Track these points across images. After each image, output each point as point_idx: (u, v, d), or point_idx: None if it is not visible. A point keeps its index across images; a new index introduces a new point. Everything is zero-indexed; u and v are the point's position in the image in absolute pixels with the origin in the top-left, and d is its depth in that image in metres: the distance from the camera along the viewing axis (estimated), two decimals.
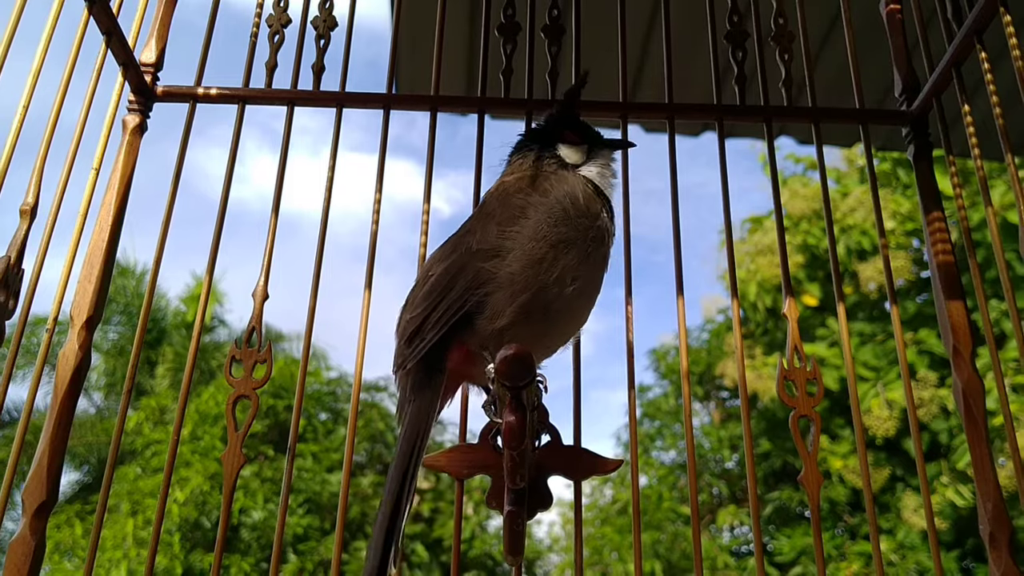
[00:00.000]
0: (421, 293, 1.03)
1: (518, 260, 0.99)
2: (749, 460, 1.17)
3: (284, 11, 1.39)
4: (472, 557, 10.02)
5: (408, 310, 1.04)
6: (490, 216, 1.07)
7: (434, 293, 1.01)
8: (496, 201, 1.10)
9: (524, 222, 1.03)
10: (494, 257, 1.00)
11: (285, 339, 11.89)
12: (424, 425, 0.97)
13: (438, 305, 1.00)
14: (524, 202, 1.06)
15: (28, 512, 1.01)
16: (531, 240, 1.01)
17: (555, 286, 0.99)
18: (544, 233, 1.01)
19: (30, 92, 1.01)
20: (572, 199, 1.06)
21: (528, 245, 1.00)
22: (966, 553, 7.18)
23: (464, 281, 1.00)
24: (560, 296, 1.00)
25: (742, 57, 1.38)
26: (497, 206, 1.08)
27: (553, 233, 1.01)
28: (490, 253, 1.01)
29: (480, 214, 1.11)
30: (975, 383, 1.16)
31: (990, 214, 1.15)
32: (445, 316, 0.99)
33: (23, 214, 1.01)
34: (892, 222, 7.68)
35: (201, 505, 8.96)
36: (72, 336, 1.12)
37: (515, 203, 1.06)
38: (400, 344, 1.03)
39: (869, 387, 7.51)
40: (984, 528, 1.09)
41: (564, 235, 1.02)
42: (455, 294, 1.00)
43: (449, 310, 0.99)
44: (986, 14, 1.17)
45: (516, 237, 1.01)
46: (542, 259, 0.99)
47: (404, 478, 0.93)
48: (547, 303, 0.99)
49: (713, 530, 9.63)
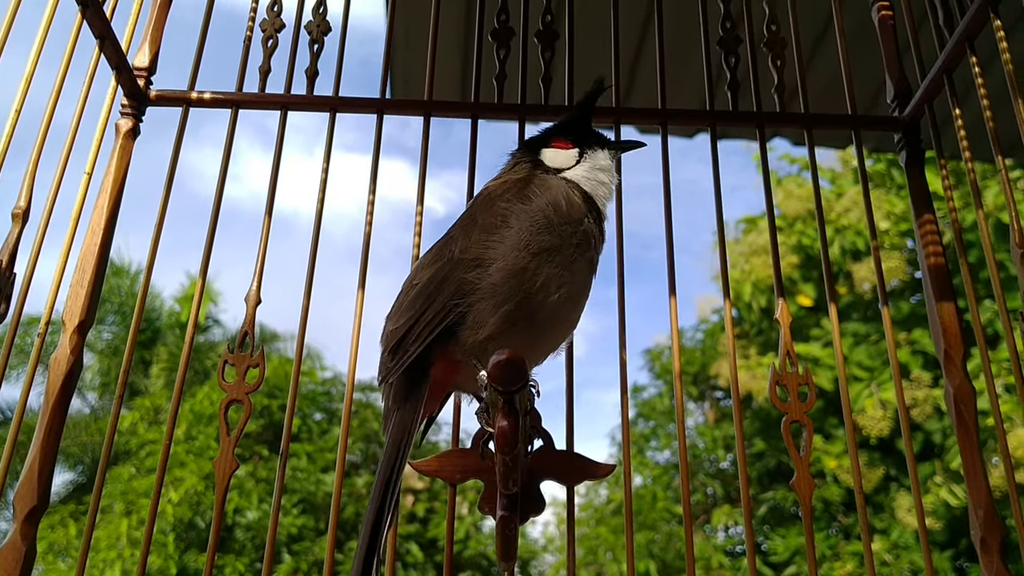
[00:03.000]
0: (405, 303, 1.02)
1: (500, 270, 0.98)
2: (741, 460, 1.18)
3: (278, 16, 1.39)
4: (467, 558, 10.01)
5: (391, 320, 1.03)
6: (472, 223, 1.06)
7: (417, 303, 1.00)
8: (480, 207, 1.10)
9: (506, 231, 1.02)
10: (476, 267, 0.99)
11: (280, 339, 11.87)
12: (407, 435, 0.97)
13: (420, 316, 0.99)
14: (507, 210, 1.05)
15: (19, 517, 1.01)
16: (513, 249, 0.99)
17: (539, 294, 0.98)
18: (526, 242, 1.00)
19: (23, 95, 1.01)
20: (555, 206, 1.05)
21: (511, 255, 0.99)
22: (960, 553, 7.19)
23: (447, 291, 0.99)
24: (545, 305, 0.99)
25: (735, 63, 1.38)
26: (479, 213, 1.08)
27: (535, 242, 1.00)
28: (472, 263, 1.00)
29: (464, 220, 1.10)
30: (966, 388, 1.16)
31: (981, 217, 1.16)
32: (428, 328, 0.98)
33: (15, 217, 1.01)
34: (886, 223, 7.69)
35: (195, 505, 8.94)
36: (64, 340, 1.12)
37: (498, 210, 1.05)
38: (384, 355, 1.02)
39: (863, 387, 7.51)
40: (976, 533, 1.10)
41: (547, 243, 1.01)
42: (437, 305, 0.99)
43: (432, 322, 0.98)
44: (977, 20, 1.18)
45: (498, 247, 1.00)
46: (525, 268, 0.98)
47: (387, 486, 0.93)
48: (532, 312, 0.99)
49: (708, 530, 9.63)
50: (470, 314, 0.98)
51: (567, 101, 1.38)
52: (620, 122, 1.38)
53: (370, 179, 1.29)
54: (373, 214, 1.27)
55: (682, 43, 1.56)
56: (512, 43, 1.39)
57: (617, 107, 1.38)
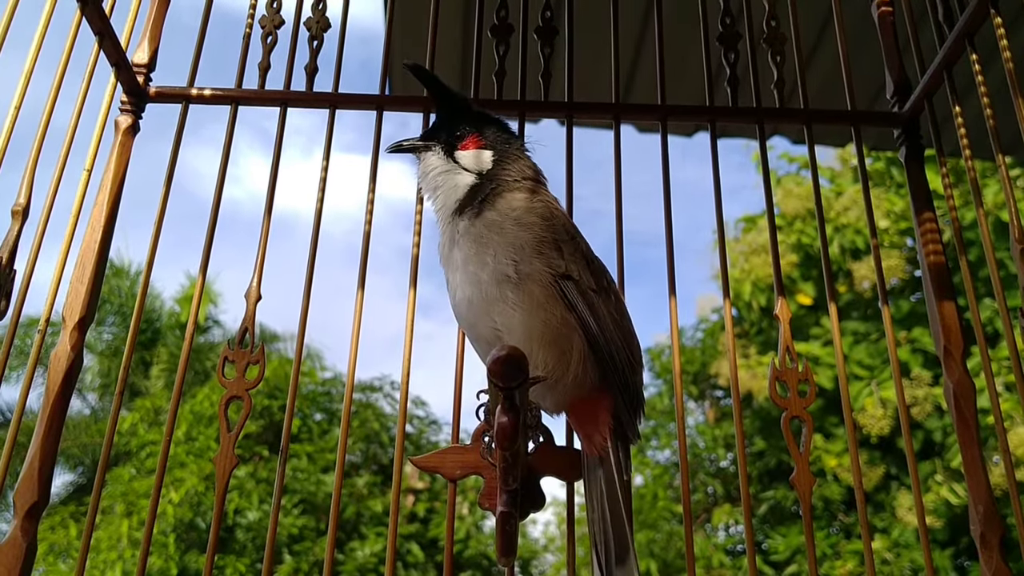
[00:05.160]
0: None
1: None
2: (741, 459, 1.18)
3: (277, 12, 1.39)
4: (467, 557, 10.00)
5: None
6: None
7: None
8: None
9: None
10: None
11: (280, 339, 11.87)
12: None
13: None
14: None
15: (19, 514, 1.01)
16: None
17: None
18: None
19: (22, 92, 1.01)
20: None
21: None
22: (960, 551, 7.18)
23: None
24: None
25: (734, 59, 1.38)
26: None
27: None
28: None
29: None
30: (966, 384, 1.16)
31: (981, 215, 1.16)
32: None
33: (15, 215, 1.01)
34: (886, 221, 7.69)
35: (196, 506, 8.93)
36: (64, 337, 1.12)
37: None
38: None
39: (863, 386, 7.51)
40: (975, 529, 1.10)
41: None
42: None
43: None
44: (977, 16, 1.17)
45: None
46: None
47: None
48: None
49: (708, 529, 9.62)
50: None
51: (567, 97, 1.38)
52: (619, 118, 1.38)
53: (369, 176, 1.29)
54: (372, 212, 1.27)
55: (682, 39, 1.56)
56: (511, 39, 1.39)
57: (616, 103, 1.38)
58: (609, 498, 0.99)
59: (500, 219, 1.06)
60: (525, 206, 1.08)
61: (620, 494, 0.99)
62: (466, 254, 1.06)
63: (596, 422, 1.03)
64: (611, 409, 1.03)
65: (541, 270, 1.02)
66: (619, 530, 0.97)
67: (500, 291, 1.01)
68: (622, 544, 0.97)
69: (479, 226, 1.07)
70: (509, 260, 1.02)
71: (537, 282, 1.01)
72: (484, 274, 1.03)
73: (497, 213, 1.07)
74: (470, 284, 1.04)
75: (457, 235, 1.09)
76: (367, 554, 9.39)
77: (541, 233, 1.05)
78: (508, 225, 1.05)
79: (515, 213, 1.07)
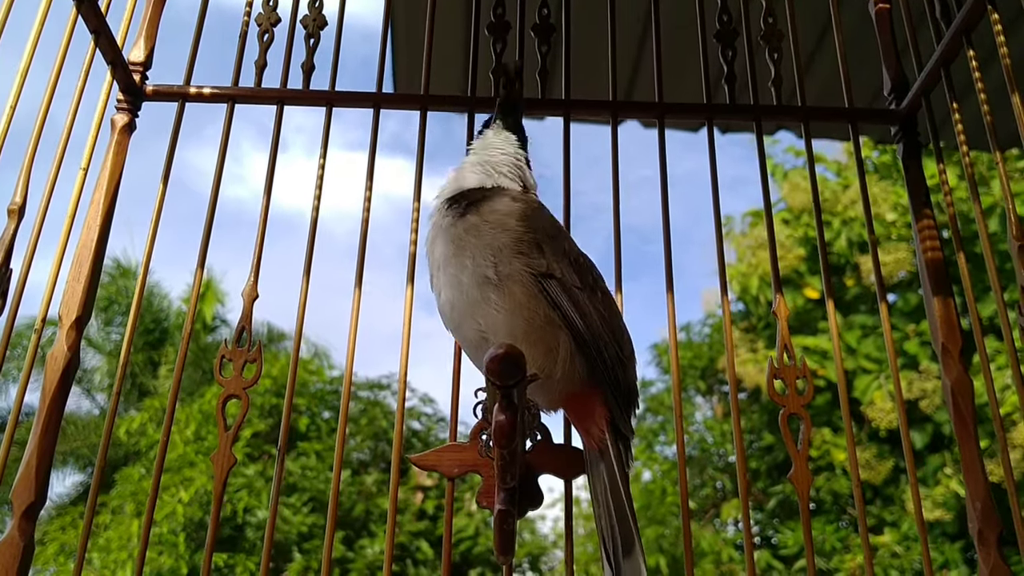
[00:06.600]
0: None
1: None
2: (739, 454, 1.17)
3: (273, 10, 1.39)
4: (476, 554, 10.01)
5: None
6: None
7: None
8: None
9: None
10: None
11: (287, 338, 11.89)
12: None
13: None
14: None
15: (16, 513, 1.01)
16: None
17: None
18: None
19: (17, 91, 1.01)
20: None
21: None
22: (970, 544, 7.16)
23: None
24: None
25: (732, 56, 1.38)
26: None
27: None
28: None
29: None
30: (964, 381, 1.16)
31: (978, 212, 1.15)
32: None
33: (11, 214, 1.01)
34: (893, 214, 7.67)
35: (206, 505, 8.95)
36: (61, 336, 1.12)
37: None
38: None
39: (872, 379, 7.50)
40: (973, 525, 1.10)
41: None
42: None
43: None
44: (974, 14, 1.17)
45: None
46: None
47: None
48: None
49: (717, 524, 9.61)
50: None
51: (564, 95, 1.37)
52: (618, 115, 1.37)
53: (367, 173, 1.29)
54: (370, 210, 1.27)
55: (682, 38, 1.55)
56: (509, 37, 1.38)
57: (614, 101, 1.37)
58: (612, 491, 1.00)
59: (479, 222, 1.07)
60: (505, 209, 1.08)
61: (622, 486, 0.99)
62: (445, 253, 1.07)
63: (592, 416, 1.04)
64: (606, 402, 1.03)
65: (521, 270, 1.02)
66: (624, 522, 0.97)
67: (482, 293, 1.02)
68: (628, 536, 0.97)
69: (459, 228, 1.07)
70: (488, 262, 1.02)
71: (518, 282, 1.01)
72: (464, 276, 1.03)
73: (479, 216, 1.08)
74: (451, 287, 1.05)
75: (440, 228, 1.10)
76: (377, 551, 9.42)
77: (520, 234, 1.04)
78: (485, 228, 1.05)
79: (494, 216, 1.07)
